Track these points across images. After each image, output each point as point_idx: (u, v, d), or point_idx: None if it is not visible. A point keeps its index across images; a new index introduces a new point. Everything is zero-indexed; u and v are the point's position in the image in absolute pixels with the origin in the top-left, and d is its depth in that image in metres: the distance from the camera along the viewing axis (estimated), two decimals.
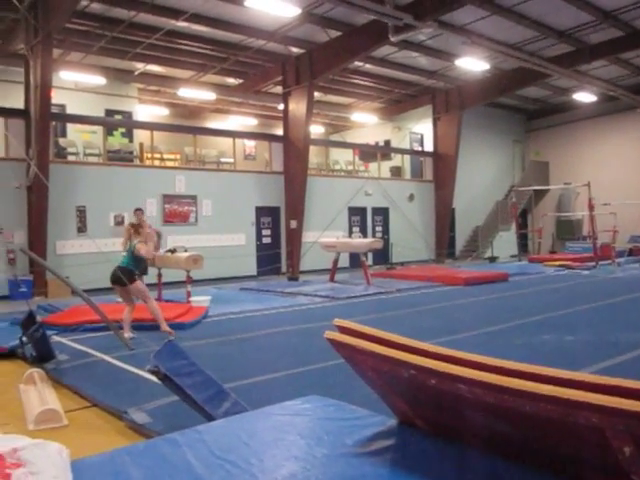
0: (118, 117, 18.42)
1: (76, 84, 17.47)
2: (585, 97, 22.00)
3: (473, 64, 17.09)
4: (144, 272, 9.87)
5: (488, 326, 8.51)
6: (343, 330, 3.32)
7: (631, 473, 2.40)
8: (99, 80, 17.19)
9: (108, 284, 14.00)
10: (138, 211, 11.18)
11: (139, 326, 8.20)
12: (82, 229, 14.31)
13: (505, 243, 23.92)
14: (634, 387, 2.20)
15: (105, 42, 15.51)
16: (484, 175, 25.30)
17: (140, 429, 4.46)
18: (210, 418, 4.01)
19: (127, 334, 7.78)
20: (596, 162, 24.68)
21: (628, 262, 19.59)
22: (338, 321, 3.40)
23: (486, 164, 25.49)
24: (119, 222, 14.86)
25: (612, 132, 24.35)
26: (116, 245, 14.34)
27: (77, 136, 16.81)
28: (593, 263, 18.28)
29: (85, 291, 8.17)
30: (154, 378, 4.33)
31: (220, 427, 3.68)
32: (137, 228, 8.85)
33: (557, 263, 18.88)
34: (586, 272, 17.01)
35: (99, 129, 16.76)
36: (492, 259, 22.64)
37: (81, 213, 14.38)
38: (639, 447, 2.26)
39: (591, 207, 19.15)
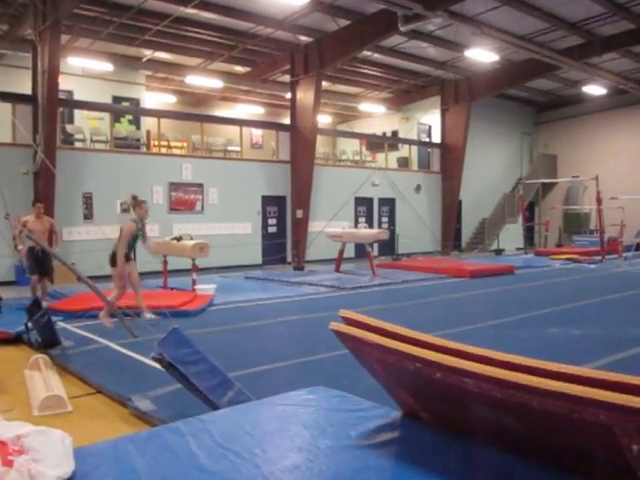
0: (125, 104, 18.39)
1: (84, 70, 17.43)
2: (595, 90, 21.84)
3: (483, 55, 16.95)
4: None
5: (494, 319, 8.48)
6: (349, 321, 3.29)
7: (639, 471, 2.37)
8: (107, 67, 17.12)
9: None
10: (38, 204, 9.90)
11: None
12: (88, 216, 14.31)
13: (512, 236, 23.84)
14: None
15: (113, 28, 15.45)
16: (492, 167, 25.18)
17: (144, 416, 4.47)
18: (214, 407, 4.00)
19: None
20: (605, 156, 24.53)
21: (635, 257, 19.49)
22: (344, 312, 3.37)
23: (494, 156, 25.37)
24: (125, 209, 14.87)
25: (622, 126, 24.16)
26: None
27: (84, 123, 16.79)
28: (600, 257, 18.19)
29: (91, 278, 8.19)
30: (158, 366, 4.32)
31: (224, 416, 3.67)
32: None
33: (564, 256, 18.81)
34: (593, 266, 16.94)
35: (106, 116, 16.75)
36: (498, 252, 22.57)
37: (87, 200, 14.38)
38: None
39: (599, 201, 19.06)
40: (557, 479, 2.68)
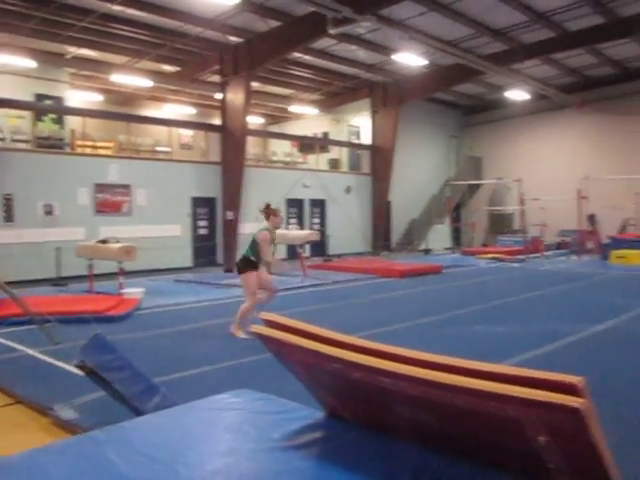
0: (48, 102, 17.76)
1: (3, 66, 16.73)
2: (518, 95, 22.63)
3: (411, 59, 17.29)
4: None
5: (422, 317, 8.66)
6: (270, 324, 3.30)
7: (547, 461, 2.48)
8: (28, 63, 16.48)
9: (36, 276, 13.62)
10: None
11: (67, 320, 7.93)
12: (8, 219, 13.76)
13: (440, 236, 24.43)
14: (549, 378, 2.26)
15: (35, 23, 14.88)
16: (421, 169, 25.69)
17: (67, 426, 4.34)
18: (139, 413, 3.93)
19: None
20: (528, 158, 25.44)
21: (556, 255, 20.35)
22: (265, 315, 3.38)
23: (423, 158, 25.89)
24: (48, 212, 14.38)
25: (543, 130, 25.11)
26: (47, 236, 13.96)
27: (3, 121, 16.13)
28: (523, 256, 18.88)
29: (12, 283, 7.89)
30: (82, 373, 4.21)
31: (145, 423, 3.61)
32: None
33: (489, 256, 19.41)
34: (516, 265, 17.54)
35: (28, 114, 16.14)
36: (427, 251, 23.08)
37: (8, 202, 13.82)
38: (554, 436, 2.34)
39: (522, 202, 19.78)
40: (476, 472, 2.76)
